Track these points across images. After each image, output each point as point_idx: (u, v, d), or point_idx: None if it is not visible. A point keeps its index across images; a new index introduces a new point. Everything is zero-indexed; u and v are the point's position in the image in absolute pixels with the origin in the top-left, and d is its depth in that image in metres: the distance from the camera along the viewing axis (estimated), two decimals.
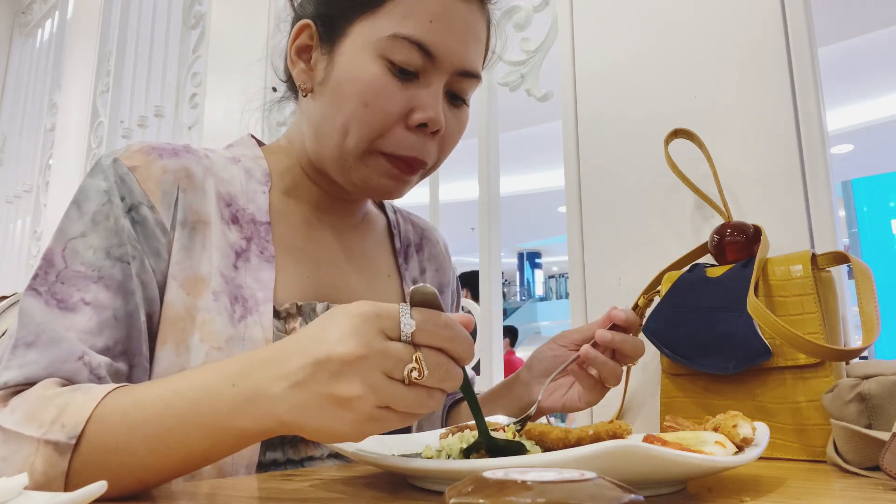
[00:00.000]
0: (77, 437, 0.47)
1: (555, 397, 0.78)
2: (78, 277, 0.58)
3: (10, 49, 3.45)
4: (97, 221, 0.60)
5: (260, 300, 0.66)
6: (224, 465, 0.61)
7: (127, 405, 0.48)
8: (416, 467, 0.45)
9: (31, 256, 2.76)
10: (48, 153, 2.84)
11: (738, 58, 0.94)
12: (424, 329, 0.42)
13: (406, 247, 0.87)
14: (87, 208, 0.61)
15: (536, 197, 7.30)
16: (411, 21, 0.64)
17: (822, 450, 0.64)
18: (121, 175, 0.62)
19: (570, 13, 1.15)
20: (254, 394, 0.44)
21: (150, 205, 0.62)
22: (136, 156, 0.64)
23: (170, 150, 0.66)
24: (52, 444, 0.47)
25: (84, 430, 0.47)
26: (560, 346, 0.78)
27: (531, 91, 1.23)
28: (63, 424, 0.48)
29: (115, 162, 0.63)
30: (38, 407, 0.49)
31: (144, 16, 2.38)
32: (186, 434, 0.46)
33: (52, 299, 0.56)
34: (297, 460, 0.68)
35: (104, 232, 0.60)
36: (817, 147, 0.85)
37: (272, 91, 0.88)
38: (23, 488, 0.38)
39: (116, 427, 0.48)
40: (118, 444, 0.47)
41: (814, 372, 0.68)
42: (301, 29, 0.71)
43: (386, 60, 0.65)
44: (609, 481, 0.26)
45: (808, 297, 0.70)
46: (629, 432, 0.49)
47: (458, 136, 0.73)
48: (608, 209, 1.05)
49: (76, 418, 0.48)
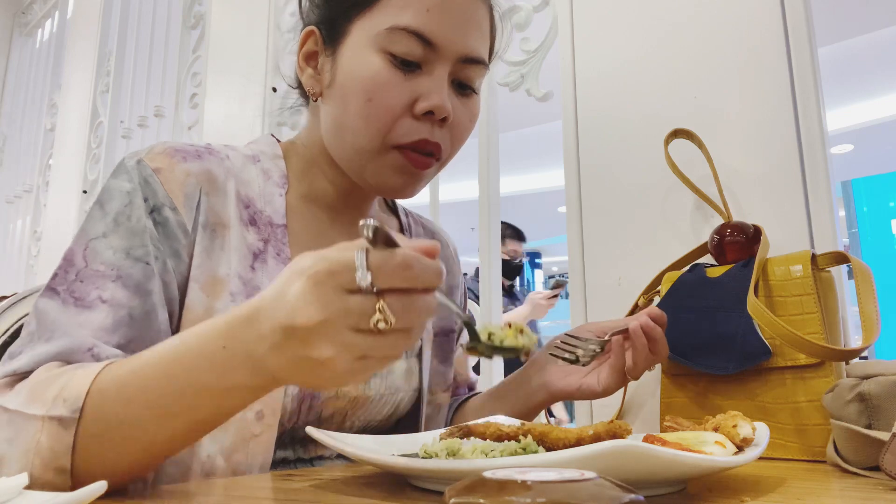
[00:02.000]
0: (79, 409, 0.48)
1: (571, 380, 0.77)
2: (97, 276, 0.58)
3: (10, 49, 3.45)
4: (119, 222, 0.61)
5: None
6: (238, 465, 0.62)
7: (125, 374, 0.49)
8: (416, 467, 0.45)
9: (31, 256, 2.76)
10: (48, 153, 2.84)
11: (738, 58, 0.94)
12: (383, 275, 0.40)
13: None
14: (110, 208, 0.62)
15: (536, 197, 7.30)
16: (408, 12, 0.65)
17: (822, 450, 0.64)
18: (145, 176, 0.63)
19: (570, 13, 1.15)
20: (244, 355, 0.44)
21: (173, 206, 0.63)
22: (159, 157, 0.64)
23: (193, 153, 0.67)
24: (56, 420, 0.48)
25: (84, 402, 0.48)
26: (588, 331, 0.78)
27: (531, 91, 1.23)
28: (65, 399, 0.48)
29: (140, 163, 0.64)
30: (41, 387, 0.50)
31: (144, 16, 2.38)
32: (189, 398, 0.47)
33: (70, 297, 0.57)
34: (307, 459, 0.69)
35: (125, 232, 0.61)
36: (817, 147, 0.85)
37: (272, 91, 0.88)
38: (23, 488, 0.38)
39: (117, 397, 0.48)
40: (120, 415, 0.48)
41: (814, 372, 0.68)
42: (307, 35, 0.72)
43: (386, 54, 0.65)
44: (609, 481, 0.26)
45: (808, 297, 0.70)
46: (629, 432, 0.49)
47: (470, 125, 0.72)
48: (608, 209, 1.05)
49: (76, 392, 0.48)
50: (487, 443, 0.54)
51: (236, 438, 0.61)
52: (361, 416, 0.73)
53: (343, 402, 0.70)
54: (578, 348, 0.72)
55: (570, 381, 0.77)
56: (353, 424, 0.73)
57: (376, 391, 0.73)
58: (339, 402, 0.70)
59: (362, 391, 0.71)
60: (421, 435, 0.65)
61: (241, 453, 0.62)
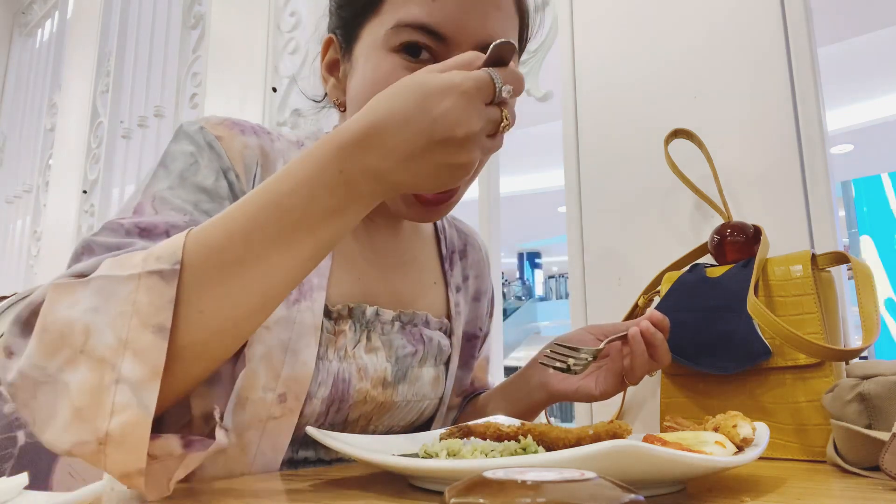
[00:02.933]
0: (179, 262, 0.45)
1: (569, 382, 0.77)
2: (168, 213, 0.57)
3: (10, 49, 3.45)
4: (185, 177, 0.60)
5: (314, 286, 0.65)
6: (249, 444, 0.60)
7: (225, 218, 0.47)
8: (416, 467, 0.45)
9: (31, 256, 2.76)
10: (48, 153, 2.84)
11: (737, 58, 0.94)
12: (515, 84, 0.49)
13: (451, 253, 0.86)
14: (174, 167, 0.60)
15: (536, 197, 7.31)
16: (412, 6, 0.61)
17: (822, 450, 0.64)
18: (208, 141, 0.62)
19: (570, 13, 1.15)
20: (367, 172, 0.47)
21: (237, 173, 0.63)
22: (219, 127, 0.64)
23: (249, 128, 0.66)
24: (157, 274, 0.45)
25: (183, 254, 0.46)
26: (589, 333, 0.77)
27: (531, 91, 1.23)
28: (158, 257, 0.46)
29: (202, 129, 0.63)
30: (124, 259, 0.47)
31: (144, 16, 2.38)
32: (307, 226, 0.47)
33: (136, 228, 0.54)
34: (328, 461, 0.68)
35: (192, 188, 0.60)
36: (817, 147, 0.85)
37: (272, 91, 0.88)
38: (23, 487, 0.38)
39: (219, 240, 0.46)
40: (224, 257, 0.46)
41: (814, 372, 0.68)
42: (327, 44, 0.71)
43: (397, 53, 0.62)
44: (609, 481, 0.26)
45: (808, 298, 0.70)
46: (629, 432, 0.49)
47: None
48: (608, 209, 1.05)
49: (171, 248, 0.46)
50: (487, 443, 0.54)
51: (252, 417, 0.60)
52: (386, 421, 0.72)
53: (370, 407, 0.69)
54: (570, 357, 0.71)
55: (568, 382, 0.77)
56: (377, 429, 0.72)
57: (403, 397, 0.72)
58: (367, 406, 0.68)
59: (390, 397, 0.70)
60: (421, 435, 0.65)
61: (255, 431, 0.60)
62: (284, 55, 1.73)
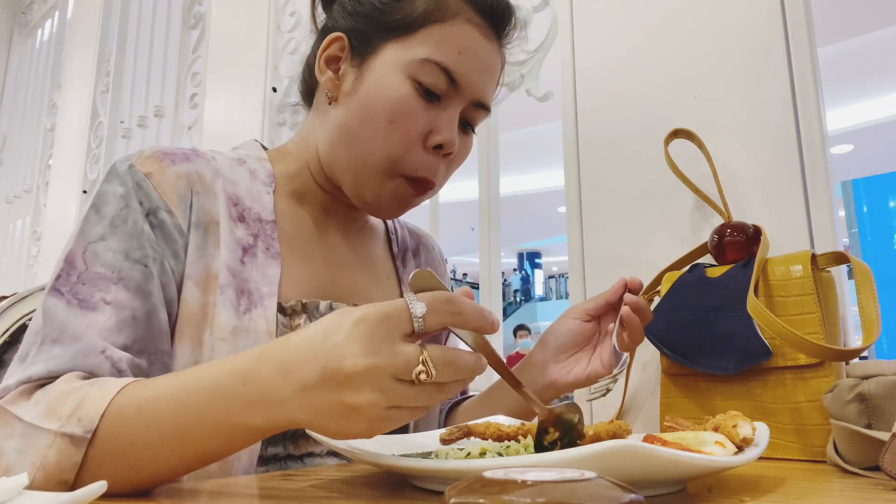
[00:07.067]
0: (93, 430, 0.48)
1: (577, 371, 0.78)
2: (98, 279, 0.59)
3: (10, 49, 3.45)
4: (116, 225, 0.62)
5: (265, 294, 0.67)
6: (232, 469, 0.62)
7: (141, 401, 0.49)
8: (416, 467, 0.45)
9: (31, 256, 2.76)
10: (48, 153, 2.84)
11: (738, 58, 0.94)
12: (434, 310, 0.44)
13: (404, 251, 0.91)
14: (106, 212, 0.63)
15: (536, 197, 7.31)
16: (443, 49, 0.68)
17: (822, 450, 0.64)
18: (137, 181, 0.64)
19: (570, 13, 1.15)
20: (265, 394, 0.45)
21: (168, 209, 0.64)
22: (149, 162, 0.66)
23: (181, 155, 0.68)
24: (69, 437, 0.48)
25: (99, 424, 0.48)
26: (572, 318, 0.80)
27: (531, 91, 1.23)
28: (79, 418, 0.49)
29: (131, 168, 0.65)
30: (58, 401, 0.50)
31: (144, 16, 2.38)
32: (201, 431, 0.47)
33: (74, 299, 0.58)
34: (297, 456, 0.69)
35: (123, 235, 0.62)
36: (817, 147, 0.85)
37: (272, 91, 0.89)
38: (23, 488, 0.38)
39: (131, 422, 0.49)
40: (133, 439, 0.48)
41: (814, 372, 0.68)
42: (333, 40, 0.73)
43: (415, 82, 0.68)
44: (609, 481, 0.26)
45: (808, 297, 0.70)
46: (629, 432, 0.49)
47: (462, 162, 0.77)
48: (608, 209, 1.05)
49: (92, 412, 0.49)
50: (487, 443, 0.54)
51: None
52: None
53: None
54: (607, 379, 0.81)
55: (576, 373, 0.78)
56: None
57: None
58: None
59: None
60: (421, 435, 0.65)
61: None
62: (284, 55, 1.73)
